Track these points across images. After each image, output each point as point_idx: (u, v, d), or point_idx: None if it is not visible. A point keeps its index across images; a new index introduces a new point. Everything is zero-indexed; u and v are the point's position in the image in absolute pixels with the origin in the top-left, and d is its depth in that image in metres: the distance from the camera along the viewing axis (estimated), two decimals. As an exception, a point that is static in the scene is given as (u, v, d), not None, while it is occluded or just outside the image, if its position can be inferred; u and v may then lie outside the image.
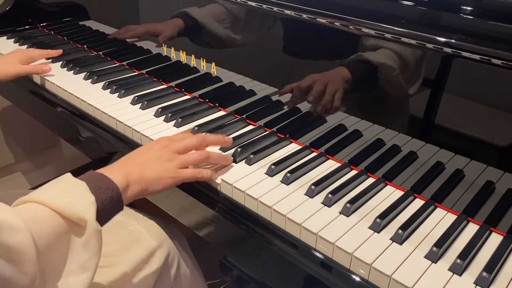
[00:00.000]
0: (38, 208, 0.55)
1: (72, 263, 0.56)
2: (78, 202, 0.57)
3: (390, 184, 0.73)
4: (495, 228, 0.64)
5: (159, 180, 0.69)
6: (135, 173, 0.67)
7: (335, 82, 0.78)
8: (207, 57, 0.97)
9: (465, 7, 0.63)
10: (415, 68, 0.69)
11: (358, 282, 0.58)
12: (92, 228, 0.56)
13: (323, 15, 0.74)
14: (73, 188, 0.59)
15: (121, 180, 0.64)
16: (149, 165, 0.69)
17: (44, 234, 0.53)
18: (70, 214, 0.55)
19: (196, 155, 0.73)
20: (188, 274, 0.90)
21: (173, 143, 0.73)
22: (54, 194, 0.57)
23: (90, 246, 0.56)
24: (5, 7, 1.39)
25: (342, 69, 0.77)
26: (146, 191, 0.68)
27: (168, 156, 0.71)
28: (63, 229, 0.55)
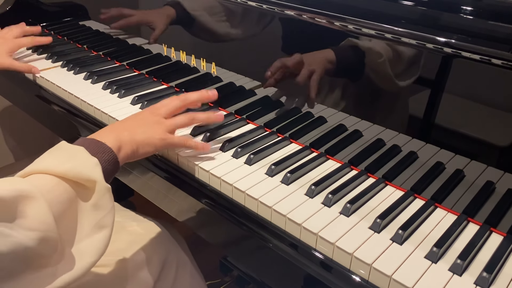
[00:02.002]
0: (44, 178, 0.56)
1: (85, 226, 0.57)
2: (83, 165, 0.58)
3: (390, 184, 0.73)
4: (495, 228, 0.64)
5: (149, 141, 0.71)
6: (126, 135, 0.69)
7: (318, 63, 0.78)
8: (207, 57, 0.97)
9: (465, 7, 0.63)
10: (407, 63, 0.69)
11: (358, 282, 0.58)
12: (102, 186, 0.58)
13: (323, 15, 0.74)
14: (73, 154, 0.60)
15: (113, 142, 0.66)
16: (138, 129, 0.71)
17: (55, 201, 0.54)
18: (78, 177, 0.57)
19: (182, 117, 0.76)
20: (188, 275, 0.90)
21: (159, 109, 0.76)
22: (56, 162, 0.58)
23: (102, 205, 0.58)
24: (5, 7, 1.39)
25: (328, 51, 0.77)
26: (137, 152, 0.70)
27: (155, 121, 0.74)
28: (71, 195, 0.57)
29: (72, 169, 0.57)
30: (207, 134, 0.82)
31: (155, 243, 0.84)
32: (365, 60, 0.73)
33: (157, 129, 0.73)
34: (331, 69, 0.77)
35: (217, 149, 0.80)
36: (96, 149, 0.63)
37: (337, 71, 0.78)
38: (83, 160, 0.59)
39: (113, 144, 0.66)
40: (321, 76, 0.78)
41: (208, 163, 0.75)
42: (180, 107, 0.78)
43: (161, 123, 0.74)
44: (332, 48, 0.77)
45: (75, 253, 0.56)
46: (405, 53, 0.69)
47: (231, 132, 0.86)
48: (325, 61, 0.77)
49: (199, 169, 0.75)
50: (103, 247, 0.58)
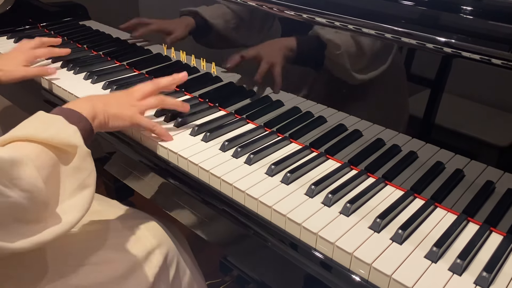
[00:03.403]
0: (28, 145, 0.60)
1: (68, 187, 0.62)
2: (64, 132, 0.63)
3: (390, 184, 0.73)
4: (495, 228, 0.64)
5: (120, 116, 0.78)
6: (100, 106, 0.75)
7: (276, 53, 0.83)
8: (207, 57, 0.97)
9: (465, 7, 0.63)
10: (368, 56, 0.71)
11: (358, 282, 0.58)
12: (83, 150, 0.64)
13: (323, 15, 0.74)
14: (52, 122, 0.65)
15: (88, 112, 0.72)
16: (112, 104, 0.78)
17: (41, 167, 0.59)
18: (61, 143, 0.62)
19: (153, 99, 0.83)
20: (188, 273, 0.90)
21: (133, 92, 0.83)
22: (37, 129, 0.62)
23: (84, 167, 0.64)
24: (5, 7, 1.39)
25: (290, 39, 0.81)
26: (107, 124, 0.77)
27: (128, 100, 0.81)
28: (54, 160, 0.61)
29: (54, 136, 0.61)
30: (207, 134, 0.82)
31: (155, 241, 0.84)
32: (324, 51, 0.76)
33: (129, 108, 0.80)
34: (293, 56, 0.82)
35: (217, 149, 0.80)
36: (73, 118, 0.68)
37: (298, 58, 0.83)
38: (63, 128, 0.64)
39: (88, 113, 0.71)
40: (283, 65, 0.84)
41: (208, 163, 0.75)
42: (152, 91, 0.84)
43: (134, 104, 0.81)
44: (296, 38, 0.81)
45: (61, 211, 0.61)
46: (360, 44, 0.71)
47: (231, 132, 0.86)
48: (287, 49, 0.83)
49: (199, 169, 0.75)
50: (86, 204, 0.63)
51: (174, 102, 0.86)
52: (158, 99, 0.84)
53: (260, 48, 0.87)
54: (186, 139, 0.83)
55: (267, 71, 0.86)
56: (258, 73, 0.87)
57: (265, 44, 0.86)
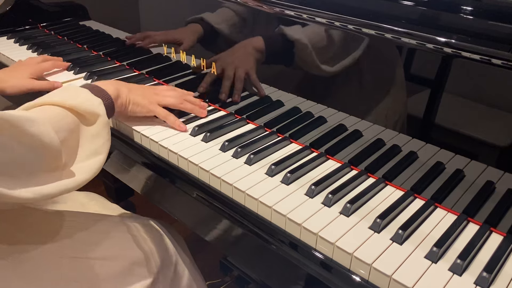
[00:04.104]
0: (55, 108, 0.68)
1: (85, 150, 0.69)
2: (90, 102, 0.71)
3: (390, 184, 0.73)
4: (495, 228, 0.64)
5: (139, 104, 0.85)
6: (124, 90, 0.83)
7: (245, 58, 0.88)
8: (207, 57, 0.97)
9: (465, 7, 0.63)
10: (334, 47, 0.74)
11: (358, 282, 0.58)
12: (104, 120, 0.71)
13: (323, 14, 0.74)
14: (80, 93, 0.72)
15: (113, 92, 0.79)
16: (136, 92, 0.85)
17: (63, 129, 0.65)
18: (86, 110, 0.69)
19: (173, 99, 0.88)
20: (187, 274, 0.90)
21: (158, 96, 0.88)
22: (64, 97, 0.69)
23: (102, 134, 0.71)
24: (5, 7, 1.39)
25: (257, 39, 0.84)
26: (127, 107, 0.83)
27: (150, 94, 0.87)
28: (77, 124, 0.68)
29: (81, 104, 0.69)
30: (207, 134, 0.82)
31: (153, 241, 0.84)
32: (293, 49, 0.79)
33: (150, 99, 0.86)
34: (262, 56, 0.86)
35: (217, 149, 0.80)
36: (98, 93, 0.75)
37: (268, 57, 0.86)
38: (88, 98, 0.72)
39: (112, 92, 0.78)
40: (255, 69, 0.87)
41: (208, 163, 0.75)
42: (174, 105, 0.88)
43: (155, 97, 0.87)
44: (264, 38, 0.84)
45: (75, 169, 0.67)
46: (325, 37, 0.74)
47: (231, 132, 0.86)
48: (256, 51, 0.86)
49: (199, 169, 0.75)
50: (97, 168, 0.69)
51: (192, 107, 0.90)
52: (178, 99, 0.88)
53: (229, 60, 0.90)
54: (186, 140, 0.83)
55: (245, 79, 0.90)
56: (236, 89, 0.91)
57: (232, 54, 0.90)
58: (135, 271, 0.79)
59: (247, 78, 0.89)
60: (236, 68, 0.90)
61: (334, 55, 0.75)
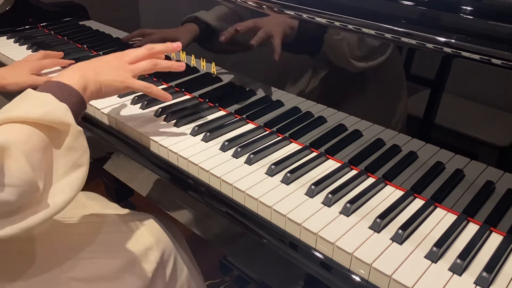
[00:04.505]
0: (19, 128, 0.59)
1: (61, 167, 0.61)
2: (55, 111, 0.62)
3: (390, 184, 0.73)
4: (495, 228, 0.64)
5: (112, 83, 0.75)
6: (90, 75, 0.73)
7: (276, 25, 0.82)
8: (207, 57, 0.97)
9: (465, 7, 0.63)
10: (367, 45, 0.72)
11: (358, 282, 0.58)
12: (75, 129, 0.63)
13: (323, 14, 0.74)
14: (42, 100, 0.63)
15: (79, 83, 0.69)
16: (103, 70, 0.75)
17: (33, 151, 0.58)
18: (52, 122, 0.60)
19: (145, 62, 0.79)
20: (185, 271, 0.90)
21: (124, 55, 0.79)
22: (27, 109, 0.60)
23: (77, 146, 0.63)
24: (5, 7, 1.39)
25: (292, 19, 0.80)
26: (100, 91, 0.74)
27: (119, 65, 0.77)
28: (46, 142, 0.60)
29: (45, 115, 0.60)
30: (207, 134, 0.82)
31: (152, 238, 0.84)
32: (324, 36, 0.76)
33: (120, 72, 0.76)
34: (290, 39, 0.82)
35: (217, 149, 0.80)
36: (63, 93, 0.66)
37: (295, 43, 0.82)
38: (53, 106, 0.62)
39: (79, 85, 0.69)
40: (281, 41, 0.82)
41: (208, 163, 0.75)
42: (145, 56, 0.80)
43: (125, 67, 0.77)
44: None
45: (53, 192, 0.60)
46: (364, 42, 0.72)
47: (231, 132, 0.86)
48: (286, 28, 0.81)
49: (199, 169, 0.75)
50: (79, 184, 0.63)
51: (168, 64, 0.81)
52: (151, 62, 0.80)
53: (261, 21, 0.85)
54: (186, 139, 0.83)
55: (264, 40, 0.84)
56: (256, 39, 0.85)
57: (266, 19, 0.84)
58: (134, 268, 0.80)
59: (271, 41, 0.84)
60: (263, 26, 0.84)
61: (365, 54, 0.74)
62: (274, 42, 0.82)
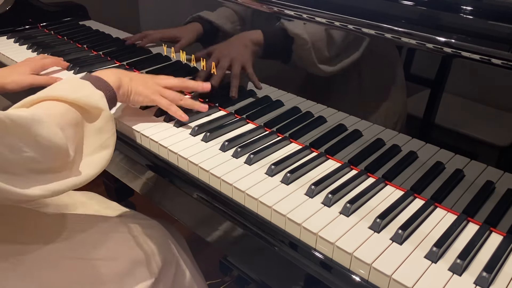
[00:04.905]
0: (57, 104, 0.67)
1: (91, 144, 0.69)
2: (92, 95, 0.70)
3: (390, 184, 0.73)
4: (495, 228, 0.64)
5: (141, 93, 0.84)
6: (126, 80, 0.82)
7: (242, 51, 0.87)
8: (207, 57, 0.97)
9: (465, 7, 0.63)
10: (334, 47, 0.74)
11: (358, 282, 0.58)
12: (107, 114, 0.71)
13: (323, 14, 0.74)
14: (81, 86, 0.72)
15: (114, 82, 0.78)
16: (137, 81, 0.85)
17: (67, 125, 0.65)
18: (88, 104, 0.69)
19: (173, 93, 0.87)
20: (188, 274, 0.90)
21: (159, 78, 0.89)
22: (67, 91, 0.69)
23: (107, 129, 0.71)
24: (5, 7, 1.39)
25: (255, 32, 0.84)
26: (129, 97, 0.83)
27: (151, 83, 0.87)
28: (79, 119, 0.68)
29: (82, 98, 0.69)
30: (207, 134, 0.82)
31: (154, 241, 0.84)
32: (292, 45, 0.78)
33: (151, 89, 0.85)
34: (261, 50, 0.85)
35: (217, 149, 0.80)
36: (100, 85, 0.75)
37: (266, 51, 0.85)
38: (91, 92, 0.71)
39: (114, 83, 0.78)
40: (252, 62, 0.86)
41: (208, 163, 0.75)
42: (175, 86, 0.89)
43: (156, 87, 0.86)
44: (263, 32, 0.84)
45: (83, 164, 0.68)
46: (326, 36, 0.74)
47: (231, 132, 0.86)
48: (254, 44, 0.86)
49: (199, 169, 0.75)
50: (105, 162, 0.70)
51: (190, 103, 0.89)
52: (178, 95, 0.87)
53: (225, 52, 0.90)
54: (186, 139, 0.83)
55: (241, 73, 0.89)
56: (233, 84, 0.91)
57: (229, 45, 0.89)
58: (136, 272, 0.79)
59: (243, 73, 0.89)
60: (232, 61, 0.89)
61: (334, 55, 0.75)
62: (248, 72, 0.88)
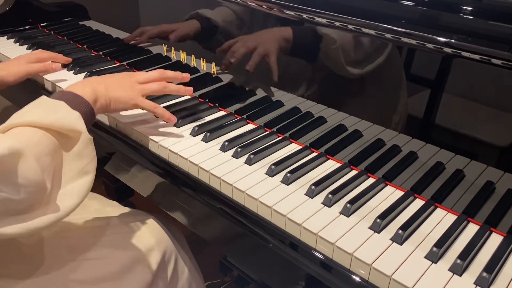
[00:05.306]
0: (30, 131, 0.61)
1: (69, 172, 0.63)
2: (67, 117, 0.64)
3: (390, 184, 0.73)
4: (495, 228, 0.64)
5: (121, 99, 0.78)
6: (102, 89, 0.76)
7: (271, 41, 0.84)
8: (207, 57, 0.97)
9: (465, 7, 0.63)
10: (362, 51, 0.73)
11: (358, 282, 0.58)
12: (86, 137, 0.65)
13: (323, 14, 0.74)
14: (55, 108, 0.65)
15: (90, 95, 0.72)
16: (114, 87, 0.78)
17: (43, 154, 0.60)
18: (64, 128, 0.63)
19: (155, 84, 0.82)
20: (186, 271, 0.90)
21: (136, 75, 0.83)
22: (40, 115, 0.63)
23: (86, 153, 0.65)
24: (5, 7, 1.39)
25: (286, 29, 0.82)
26: (109, 107, 0.77)
27: (130, 83, 0.80)
28: (56, 146, 0.62)
29: (57, 121, 0.62)
30: (207, 134, 0.82)
31: (154, 239, 0.84)
32: (319, 43, 0.77)
33: (130, 91, 0.79)
34: (289, 47, 0.83)
35: (217, 149, 0.80)
36: (75, 102, 0.69)
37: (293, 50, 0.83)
38: (66, 113, 0.65)
39: (89, 97, 0.72)
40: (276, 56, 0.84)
41: (208, 163, 0.75)
42: (155, 78, 0.84)
43: (135, 87, 0.80)
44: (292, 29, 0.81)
45: (61, 196, 0.62)
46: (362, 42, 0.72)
47: (231, 132, 0.86)
48: (282, 39, 0.83)
49: (199, 169, 0.75)
50: (86, 190, 0.64)
51: (177, 88, 0.85)
52: (161, 84, 0.83)
53: (254, 37, 0.87)
54: (186, 140, 0.83)
55: (261, 60, 0.86)
56: (251, 62, 0.87)
57: (260, 34, 0.86)
58: (135, 269, 0.80)
59: (266, 59, 0.85)
60: (259, 45, 0.85)
61: (361, 58, 0.74)
62: (270, 61, 0.84)
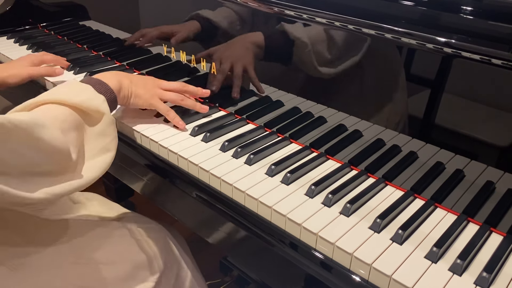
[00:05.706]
0: (58, 107, 0.68)
1: (93, 148, 0.70)
2: (93, 99, 0.71)
3: (390, 184, 0.73)
4: (495, 228, 0.64)
5: (141, 96, 0.85)
6: (126, 83, 0.83)
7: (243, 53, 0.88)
8: (207, 57, 0.97)
9: (465, 7, 0.63)
10: (335, 49, 0.74)
11: (358, 282, 0.58)
12: (109, 118, 0.72)
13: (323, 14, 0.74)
14: (83, 90, 0.73)
15: (115, 85, 0.79)
16: (138, 84, 0.85)
17: (68, 128, 0.66)
18: (90, 108, 0.69)
19: (174, 94, 0.88)
20: (189, 276, 0.90)
21: (160, 82, 0.89)
22: (69, 95, 0.69)
23: (108, 132, 0.71)
24: (5, 7, 1.39)
25: (257, 34, 0.85)
26: (129, 99, 0.84)
27: (152, 86, 0.87)
28: (81, 123, 0.69)
29: (84, 102, 0.69)
30: (207, 135, 0.82)
31: (156, 244, 0.84)
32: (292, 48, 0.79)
33: (151, 92, 0.86)
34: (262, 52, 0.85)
35: (217, 149, 0.80)
36: (101, 88, 0.76)
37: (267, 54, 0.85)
38: (92, 96, 0.72)
39: (114, 86, 0.79)
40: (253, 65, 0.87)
41: (208, 163, 0.75)
42: (176, 89, 0.89)
43: (156, 90, 0.87)
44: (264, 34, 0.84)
45: (85, 167, 0.68)
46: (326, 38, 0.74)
47: (231, 132, 0.86)
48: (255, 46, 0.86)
49: (199, 169, 0.75)
50: (106, 165, 0.70)
51: (193, 103, 0.89)
52: (179, 96, 0.88)
53: (227, 56, 0.90)
54: (186, 140, 0.83)
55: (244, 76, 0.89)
56: (235, 88, 0.91)
57: (231, 49, 0.90)
58: (138, 275, 0.79)
59: (245, 75, 0.89)
60: (233, 63, 0.89)
61: (335, 57, 0.75)
62: (249, 75, 0.88)
